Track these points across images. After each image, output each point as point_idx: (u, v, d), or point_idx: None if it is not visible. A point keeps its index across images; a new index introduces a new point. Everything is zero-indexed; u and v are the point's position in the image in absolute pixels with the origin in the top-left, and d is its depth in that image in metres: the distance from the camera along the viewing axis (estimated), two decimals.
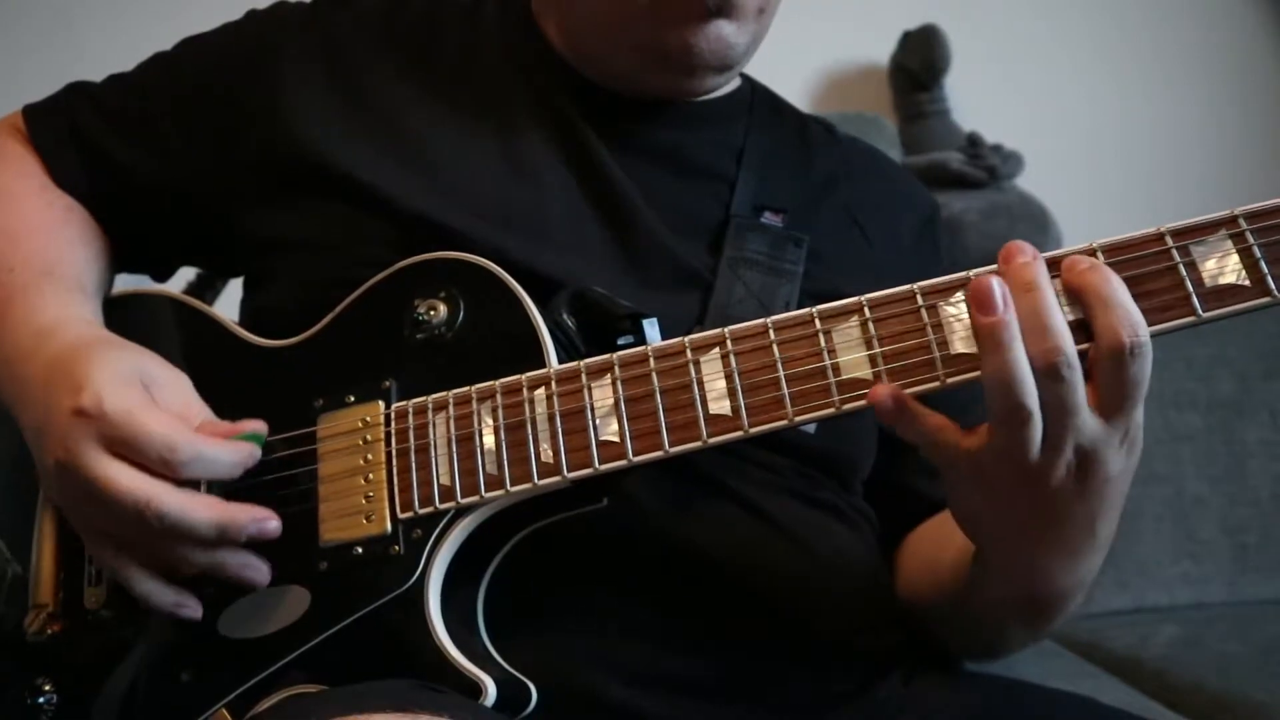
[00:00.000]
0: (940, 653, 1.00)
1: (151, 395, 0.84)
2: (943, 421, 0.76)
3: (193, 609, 0.85)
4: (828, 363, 0.77)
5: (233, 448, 0.83)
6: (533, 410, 0.81)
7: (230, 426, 0.85)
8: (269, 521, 0.82)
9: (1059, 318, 0.71)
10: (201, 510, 0.80)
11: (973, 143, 2.20)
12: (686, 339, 0.80)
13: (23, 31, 2.24)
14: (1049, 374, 0.71)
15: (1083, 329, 0.72)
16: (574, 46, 1.03)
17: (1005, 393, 0.71)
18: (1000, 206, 2.13)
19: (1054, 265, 0.74)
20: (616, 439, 0.79)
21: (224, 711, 0.83)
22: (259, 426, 0.86)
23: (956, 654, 1.00)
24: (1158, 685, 1.57)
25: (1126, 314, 0.71)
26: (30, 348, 0.89)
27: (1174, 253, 0.73)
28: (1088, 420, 0.72)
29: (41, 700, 0.88)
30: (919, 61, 2.29)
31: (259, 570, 0.84)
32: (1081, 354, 0.72)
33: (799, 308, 0.93)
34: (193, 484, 0.82)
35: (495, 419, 0.82)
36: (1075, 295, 0.72)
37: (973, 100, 2.34)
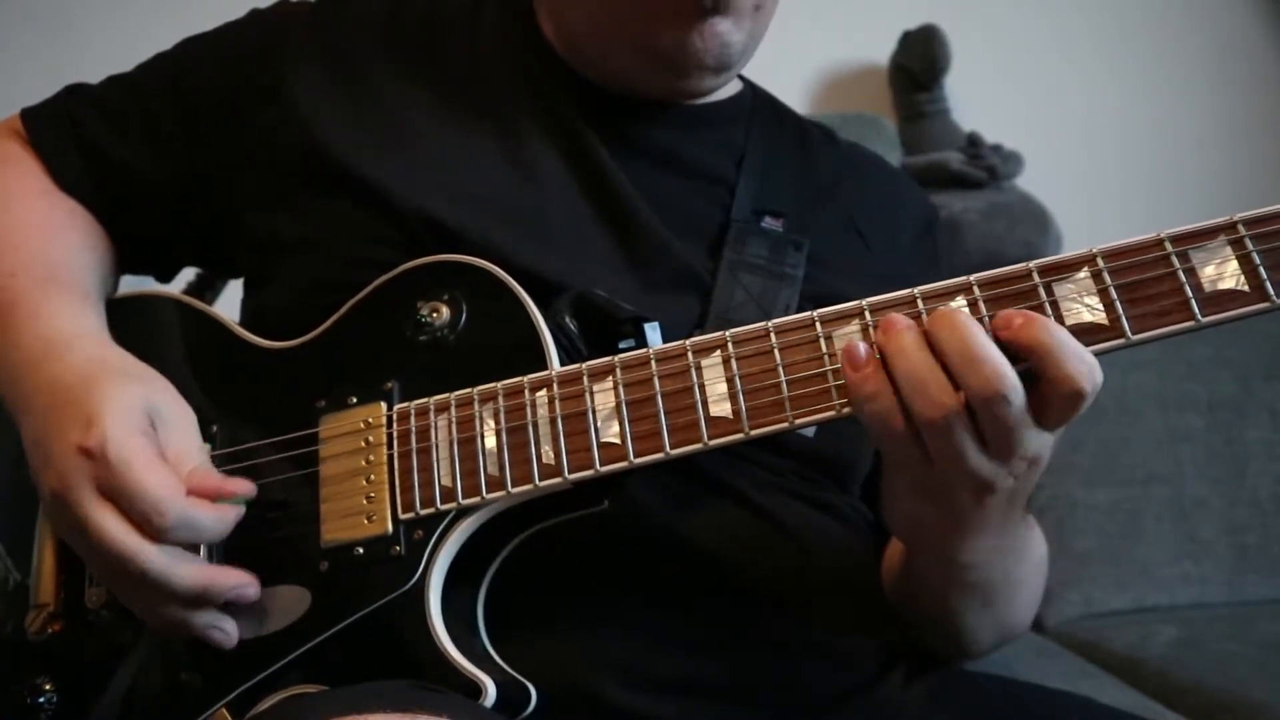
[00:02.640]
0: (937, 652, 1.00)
1: (157, 433, 0.84)
2: None
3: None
4: (829, 366, 0.77)
5: (218, 513, 0.83)
6: (534, 412, 0.82)
7: (219, 484, 0.84)
8: (248, 589, 0.83)
9: (989, 346, 0.72)
10: (183, 573, 0.80)
11: (973, 143, 2.20)
12: (688, 342, 0.80)
13: (22, 33, 2.24)
14: (996, 401, 0.71)
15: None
16: (572, 47, 1.03)
17: (923, 393, 0.73)
18: (1000, 206, 2.13)
19: (1056, 270, 0.75)
20: (618, 440, 0.79)
21: (224, 711, 0.83)
22: (247, 489, 0.85)
23: (938, 654, 1.00)
24: (1158, 685, 1.57)
25: (1081, 362, 0.71)
26: (38, 356, 0.89)
27: (1173, 258, 0.73)
28: (1034, 433, 0.74)
29: (41, 700, 0.88)
30: (919, 61, 2.29)
31: (227, 636, 0.83)
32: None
33: (799, 312, 0.94)
34: None
35: (497, 420, 0.82)
36: (1024, 353, 0.72)
37: (973, 100, 2.34)
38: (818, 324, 0.78)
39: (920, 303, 0.76)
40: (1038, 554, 0.95)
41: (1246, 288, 0.71)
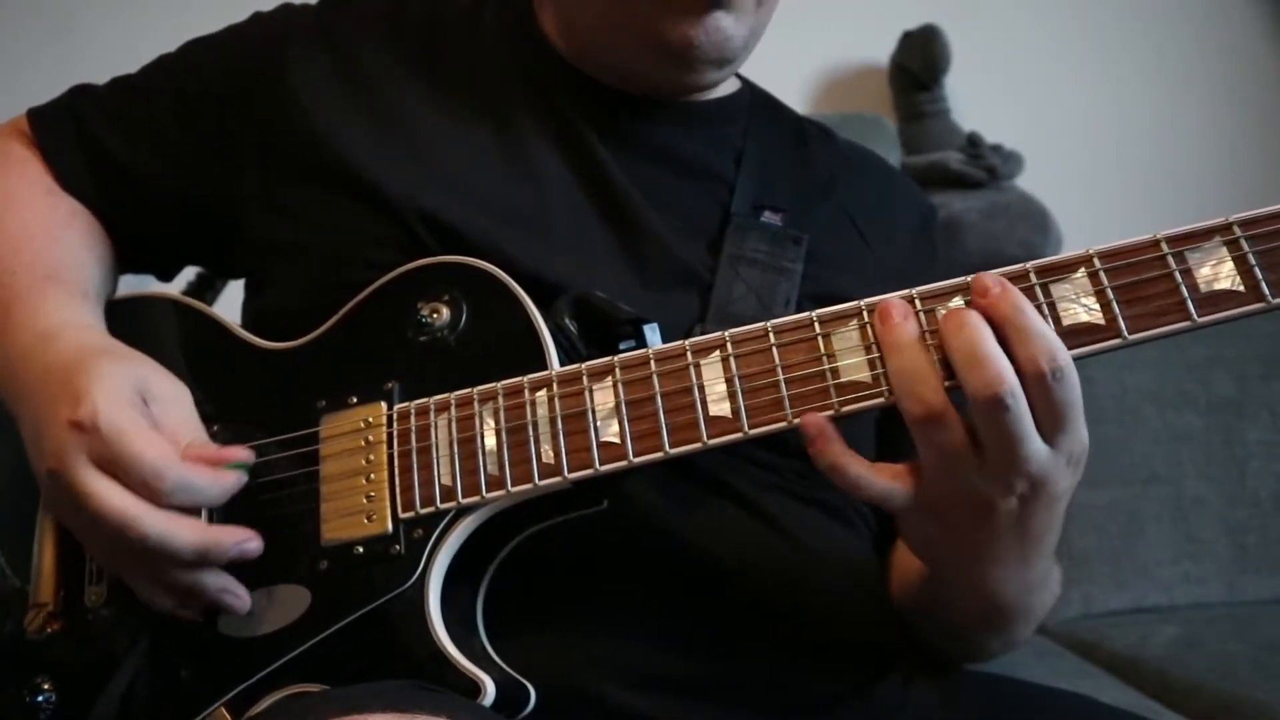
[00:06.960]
0: (938, 653, 1.00)
1: (150, 410, 0.85)
2: (875, 465, 0.77)
3: (195, 608, 0.85)
4: (827, 366, 0.77)
5: (217, 477, 0.83)
6: (534, 412, 0.82)
7: (217, 453, 0.85)
8: (250, 543, 0.83)
9: (993, 348, 0.72)
10: (183, 533, 0.80)
11: (973, 143, 2.21)
12: (687, 342, 0.80)
13: (26, 34, 2.24)
14: (994, 404, 0.71)
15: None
16: (573, 43, 1.04)
17: (910, 390, 0.73)
18: (1000, 206, 2.13)
19: (1052, 270, 0.75)
20: (617, 440, 0.79)
21: (223, 710, 0.83)
22: (246, 456, 0.86)
23: (942, 655, 1.00)
24: (1158, 685, 1.57)
25: (1042, 341, 0.72)
26: (31, 350, 0.89)
27: (1169, 259, 0.73)
28: (1038, 448, 0.73)
29: (40, 699, 0.88)
30: (919, 61, 2.29)
31: (238, 598, 0.84)
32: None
33: (798, 307, 0.95)
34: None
35: (497, 420, 0.82)
36: (992, 326, 0.73)
37: (973, 100, 2.34)
38: (816, 324, 0.78)
39: (918, 303, 0.76)
40: (1055, 588, 0.95)
41: (1242, 288, 0.72)
